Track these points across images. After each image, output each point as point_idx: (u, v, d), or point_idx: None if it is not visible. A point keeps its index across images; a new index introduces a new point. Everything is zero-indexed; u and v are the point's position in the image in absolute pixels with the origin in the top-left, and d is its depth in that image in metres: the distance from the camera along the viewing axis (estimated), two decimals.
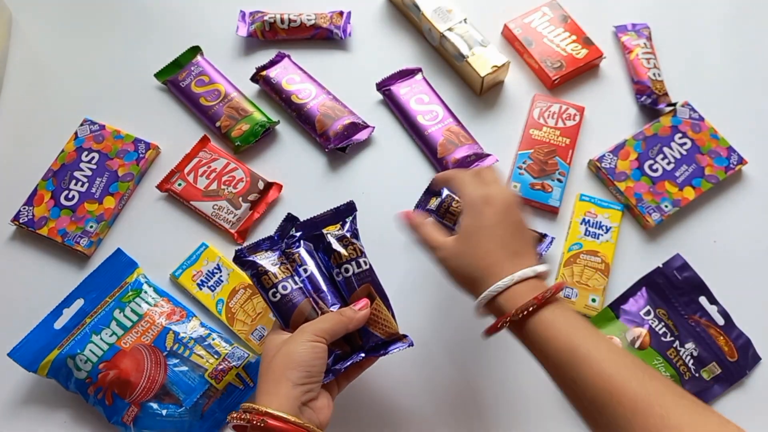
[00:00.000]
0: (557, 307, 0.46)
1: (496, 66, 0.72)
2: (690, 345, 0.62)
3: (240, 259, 0.56)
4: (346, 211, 0.58)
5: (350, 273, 0.55)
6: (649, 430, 0.37)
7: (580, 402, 0.43)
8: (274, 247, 0.57)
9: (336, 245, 0.56)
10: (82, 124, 0.74)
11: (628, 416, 0.38)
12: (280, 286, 0.54)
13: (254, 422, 0.45)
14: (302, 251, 0.57)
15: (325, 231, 0.57)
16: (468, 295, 0.51)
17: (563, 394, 0.45)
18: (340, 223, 0.58)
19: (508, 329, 0.47)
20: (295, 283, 0.55)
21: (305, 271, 0.56)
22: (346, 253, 0.55)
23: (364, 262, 0.56)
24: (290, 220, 0.59)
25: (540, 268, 0.48)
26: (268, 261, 0.56)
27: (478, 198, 0.51)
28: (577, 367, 0.42)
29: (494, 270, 0.48)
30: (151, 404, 0.59)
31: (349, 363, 0.52)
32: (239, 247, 0.56)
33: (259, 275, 0.55)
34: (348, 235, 0.57)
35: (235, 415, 0.46)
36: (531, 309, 0.45)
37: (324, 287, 0.55)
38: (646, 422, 0.38)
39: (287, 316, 0.54)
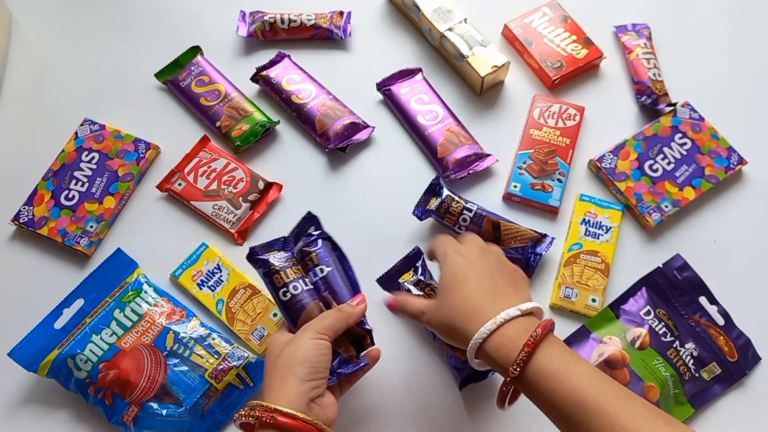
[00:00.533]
0: (552, 350, 0.44)
1: (496, 66, 0.72)
2: (690, 345, 0.62)
3: (253, 257, 0.56)
4: (414, 257, 0.64)
5: None
6: None
7: None
8: (286, 247, 0.58)
9: (415, 291, 0.62)
10: (82, 124, 0.74)
11: None
12: (291, 286, 0.55)
13: (263, 419, 0.44)
14: (320, 251, 0.57)
15: (401, 281, 0.63)
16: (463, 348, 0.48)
17: None
18: (413, 269, 0.64)
19: (515, 386, 0.45)
20: (306, 284, 0.55)
21: (321, 271, 0.56)
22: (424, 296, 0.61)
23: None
24: (309, 219, 0.59)
25: (526, 305, 0.46)
26: (280, 260, 0.56)
27: (451, 251, 0.52)
28: (589, 419, 0.40)
29: (476, 315, 0.46)
30: (151, 404, 0.59)
31: (352, 369, 0.52)
32: (253, 246, 0.56)
33: (270, 274, 0.55)
34: (422, 279, 0.62)
35: (242, 413, 0.46)
36: (525, 358, 0.43)
37: (339, 288, 0.56)
38: None
39: (296, 316, 0.54)
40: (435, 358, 0.64)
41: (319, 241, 0.58)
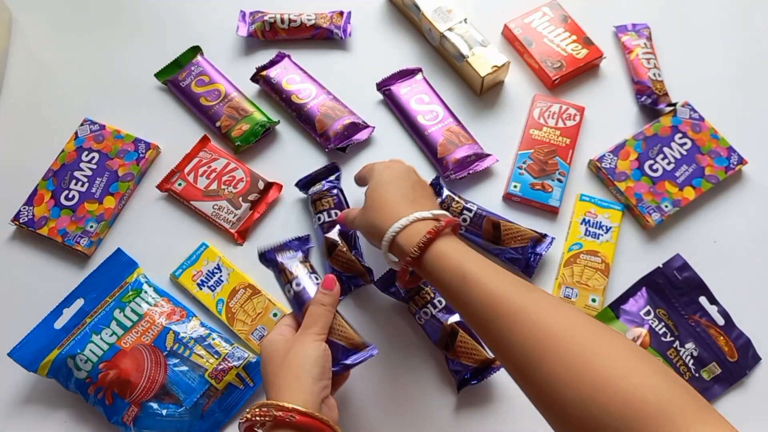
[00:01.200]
0: (450, 240, 0.49)
1: (496, 66, 0.72)
2: (690, 345, 0.62)
3: (264, 257, 0.58)
4: None
5: (435, 310, 0.61)
6: (526, 335, 0.41)
7: (473, 321, 0.46)
8: (291, 248, 0.59)
9: (412, 293, 0.63)
10: (82, 124, 0.74)
11: (509, 326, 0.42)
12: (298, 279, 0.57)
13: (281, 418, 0.44)
14: (336, 199, 0.66)
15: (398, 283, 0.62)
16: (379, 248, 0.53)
17: (463, 320, 0.48)
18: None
19: (414, 269, 0.50)
20: (314, 279, 0.57)
21: (336, 214, 0.65)
22: (420, 299, 0.62)
23: (439, 302, 0.62)
24: (331, 169, 0.69)
25: (437, 211, 0.51)
26: (288, 258, 0.58)
27: (379, 165, 0.58)
28: (468, 289, 0.45)
29: (394, 214, 0.51)
30: (151, 404, 0.59)
31: (361, 359, 0.53)
32: (261, 246, 0.58)
33: (280, 270, 0.58)
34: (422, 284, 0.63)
35: (256, 412, 0.45)
36: (426, 241, 0.48)
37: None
38: (524, 328, 0.41)
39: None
40: (434, 362, 0.64)
41: (336, 190, 0.67)
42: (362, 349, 0.53)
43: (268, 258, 0.58)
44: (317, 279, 0.56)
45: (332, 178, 0.69)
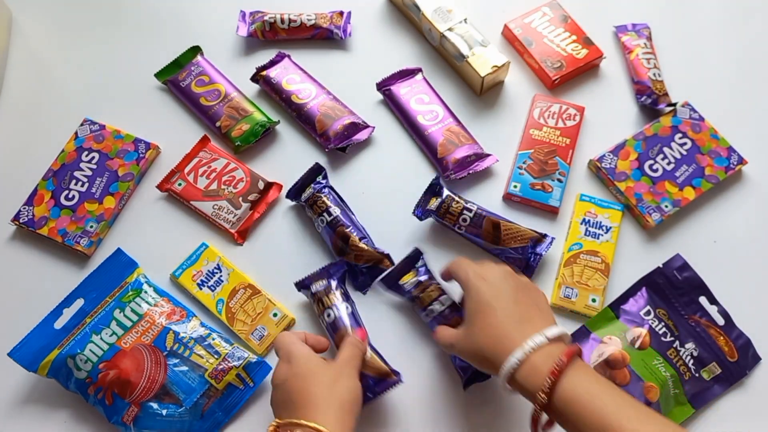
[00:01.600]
0: (577, 376, 0.45)
1: (496, 66, 0.72)
2: (690, 345, 0.62)
3: (304, 286, 0.64)
4: (415, 257, 0.64)
5: (440, 308, 0.61)
6: None
7: None
8: (325, 276, 0.63)
9: (416, 292, 0.63)
10: (82, 124, 0.74)
11: None
12: (334, 307, 0.61)
13: None
14: (330, 197, 0.67)
15: (401, 282, 0.64)
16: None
17: None
18: (414, 270, 0.64)
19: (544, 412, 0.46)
20: (346, 308, 0.61)
21: (335, 211, 0.66)
22: (426, 297, 0.62)
23: (446, 299, 0.61)
24: (317, 170, 0.68)
25: (551, 332, 0.47)
26: (323, 287, 0.63)
27: (473, 276, 0.52)
28: None
29: (505, 344, 0.47)
30: (151, 404, 0.59)
31: (389, 387, 0.57)
32: (303, 278, 0.63)
33: (317, 298, 0.62)
34: (422, 280, 0.63)
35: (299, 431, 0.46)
36: (551, 385, 0.44)
37: (349, 225, 0.66)
38: None
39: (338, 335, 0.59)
40: (440, 358, 0.64)
41: (327, 189, 0.68)
42: (389, 377, 0.57)
43: (303, 286, 0.63)
44: (350, 308, 0.61)
45: (319, 179, 0.69)
